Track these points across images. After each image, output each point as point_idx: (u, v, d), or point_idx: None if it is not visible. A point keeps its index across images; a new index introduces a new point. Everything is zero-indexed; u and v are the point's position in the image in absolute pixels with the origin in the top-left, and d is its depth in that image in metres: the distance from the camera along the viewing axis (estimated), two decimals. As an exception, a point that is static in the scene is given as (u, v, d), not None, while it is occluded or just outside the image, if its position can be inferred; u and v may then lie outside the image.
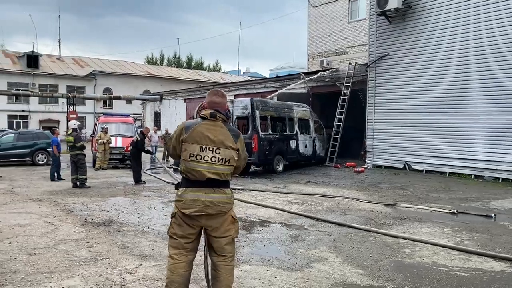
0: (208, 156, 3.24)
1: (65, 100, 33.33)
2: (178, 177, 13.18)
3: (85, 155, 12.05)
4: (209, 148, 3.25)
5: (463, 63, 13.53)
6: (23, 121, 41.76)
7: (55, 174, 12.95)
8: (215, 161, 3.25)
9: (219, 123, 3.33)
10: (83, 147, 11.91)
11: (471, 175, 13.28)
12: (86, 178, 11.67)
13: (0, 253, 5.32)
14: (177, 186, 3.40)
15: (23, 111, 41.73)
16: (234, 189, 10.96)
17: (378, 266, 5.00)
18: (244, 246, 5.76)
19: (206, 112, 3.35)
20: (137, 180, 12.33)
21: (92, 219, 7.35)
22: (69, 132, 12.12)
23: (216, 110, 3.34)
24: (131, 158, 13.59)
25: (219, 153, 3.27)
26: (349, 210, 8.28)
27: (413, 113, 15.00)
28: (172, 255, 3.35)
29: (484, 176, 12.96)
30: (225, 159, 3.29)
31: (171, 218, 3.41)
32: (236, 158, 3.37)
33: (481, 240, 6.13)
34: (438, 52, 14.20)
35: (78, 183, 11.44)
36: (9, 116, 41.19)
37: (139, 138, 12.70)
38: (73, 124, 12.51)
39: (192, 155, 3.25)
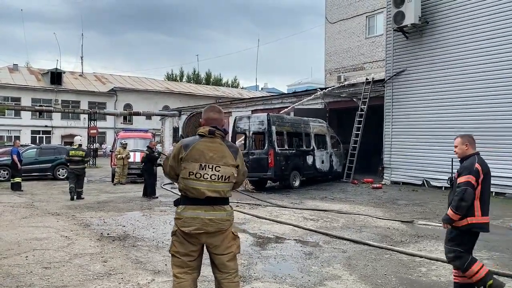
0: (208, 174, 3.20)
1: (86, 116, 34.02)
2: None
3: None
4: (208, 166, 3.20)
5: (482, 78, 13.36)
6: (45, 136, 42.79)
7: None
8: (214, 178, 3.21)
9: (217, 139, 3.29)
10: (87, 162, 12.89)
11: (492, 192, 12.95)
12: (82, 190, 12.46)
13: (17, 266, 5.42)
14: (176, 203, 3.35)
15: (46, 126, 42.79)
16: (250, 204, 11.02)
17: (393, 284, 4.90)
18: (257, 262, 5.73)
19: (204, 129, 3.30)
20: (146, 193, 12.65)
21: (108, 234, 7.43)
22: (76, 147, 12.37)
23: (214, 126, 3.30)
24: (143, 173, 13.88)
25: (219, 170, 3.23)
26: (365, 227, 8.17)
27: (431, 129, 14.80)
28: (176, 274, 3.30)
29: (505, 193, 12.65)
30: (225, 176, 3.25)
31: (171, 236, 3.38)
32: (235, 174, 3.33)
33: (500, 260, 5.97)
34: (456, 68, 14.06)
35: (75, 195, 11.98)
36: (33, 132, 42.27)
37: (147, 153, 13.11)
38: (79, 140, 12.85)
39: (191, 173, 3.20)
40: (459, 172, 4.21)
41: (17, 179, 14.34)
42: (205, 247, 3.36)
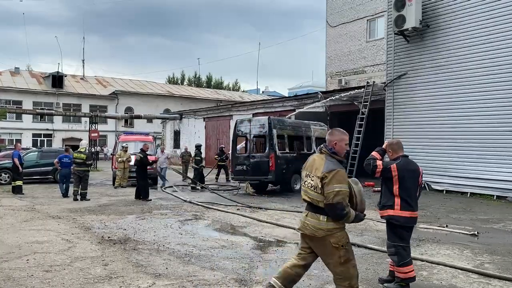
0: (307, 182, 3.86)
1: (87, 119, 34.06)
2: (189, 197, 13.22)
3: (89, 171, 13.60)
4: (309, 175, 3.86)
5: (483, 82, 13.36)
6: (47, 140, 42.84)
7: (66, 190, 13.60)
8: (309, 186, 3.83)
9: (322, 155, 3.88)
10: (90, 165, 13.80)
11: (493, 195, 12.95)
12: (87, 192, 13.02)
13: (17, 270, 5.42)
14: None
15: (47, 129, 42.87)
16: (250, 207, 11.00)
17: (394, 288, 4.88)
18: (258, 266, 5.73)
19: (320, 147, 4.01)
20: (139, 196, 12.78)
21: (108, 237, 7.43)
22: (82, 150, 13.25)
23: (323, 145, 3.97)
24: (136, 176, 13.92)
25: (313, 179, 3.79)
26: (366, 231, 8.16)
27: (433, 132, 14.80)
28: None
29: (507, 196, 12.61)
30: (315, 186, 3.77)
31: None
32: (319, 186, 3.70)
33: (502, 264, 5.95)
34: (457, 71, 14.07)
35: (79, 197, 12.62)
36: (34, 135, 42.35)
37: (141, 156, 13.19)
38: (84, 143, 14.05)
39: (303, 180, 3.97)
40: None
41: (18, 182, 14.35)
42: None
